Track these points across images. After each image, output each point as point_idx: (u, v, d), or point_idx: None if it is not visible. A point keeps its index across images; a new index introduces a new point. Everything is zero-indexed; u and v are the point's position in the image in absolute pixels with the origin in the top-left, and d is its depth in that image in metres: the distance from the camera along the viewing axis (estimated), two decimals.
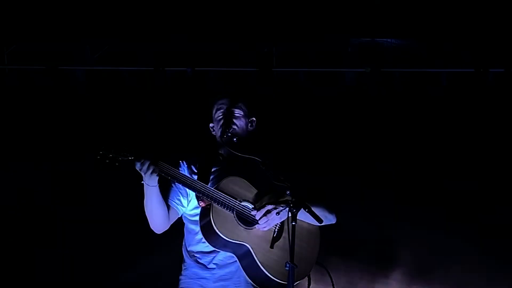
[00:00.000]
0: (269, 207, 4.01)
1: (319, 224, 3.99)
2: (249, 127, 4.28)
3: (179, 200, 4.18)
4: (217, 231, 3.94)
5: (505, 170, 6.17)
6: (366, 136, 6.32)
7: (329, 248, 4.25)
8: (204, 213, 4.03)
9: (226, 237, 3.96)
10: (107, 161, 3.90)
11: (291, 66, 6.34)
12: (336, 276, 4.12)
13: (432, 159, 6.25)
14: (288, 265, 3.69)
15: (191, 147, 4.55)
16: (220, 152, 4.32)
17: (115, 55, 6.39)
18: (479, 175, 6.17)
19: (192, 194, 4.15)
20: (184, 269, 4.23)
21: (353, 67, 6.32)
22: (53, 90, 6.45)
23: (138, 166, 3.91)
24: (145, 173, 3.92)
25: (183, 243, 4.28)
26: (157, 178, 3.97)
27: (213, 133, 4.35)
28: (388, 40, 6.19)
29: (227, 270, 4.09)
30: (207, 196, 4.00)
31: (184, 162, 4.24)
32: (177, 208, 4.18)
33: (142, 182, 3.98)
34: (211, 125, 4.35)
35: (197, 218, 4.12)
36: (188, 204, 4.20)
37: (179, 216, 4.24)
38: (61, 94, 6.45)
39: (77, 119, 6.39)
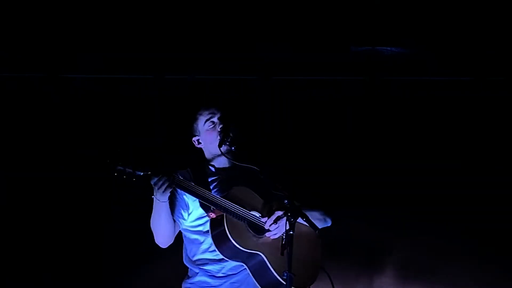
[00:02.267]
0: (279, 213, 4.04)
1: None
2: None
3: (181, 214, 4.20)
4: (233, 241, 3.96)
5: (503, 172, 6.19)
6: (366, 139, 6.34)
7: (324, 250, 4.27)
8: (216, 224, 4.04)
9: (242, 247, 3.98)
10: (124, 176, 3.87)
11: (290, 74, 6.35)
12: (332, 278, 4.15)
13: (431, 162, 6.25)
14: (286, 274, 3.70)
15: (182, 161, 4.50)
16: (211, 163, 4.31)
17: (115, 63, 6.38)
18: (478, 176, 6.17)
19: (192, 206, 4.16)
20: (191, 277, 4.24)
21: (353, 75, 6.33)
22: (53, 96, 6.43)
23: (154, 181, 3.89)
24: (159, 188, 3.90)
25: (185, 255, 4.29)
26: (169, 194, 3.96)
27: (199, 146, 4.34)
28: (388, 48, 6.20)
29: (237, 278, 4.14)
30: (221, 207, 4.01)
31: (180, 176, 4.20)
32: (180, 221, 4.20)
33: (153, 196, 3.98)
34: (195, 138, 4.34)
35: (200, 228, 4.15)
36: (188, 217, 4.20)
37: (180, 229, 4.24)
38: (61, 101, 6.43)
39: (77, 127, 6.38)
